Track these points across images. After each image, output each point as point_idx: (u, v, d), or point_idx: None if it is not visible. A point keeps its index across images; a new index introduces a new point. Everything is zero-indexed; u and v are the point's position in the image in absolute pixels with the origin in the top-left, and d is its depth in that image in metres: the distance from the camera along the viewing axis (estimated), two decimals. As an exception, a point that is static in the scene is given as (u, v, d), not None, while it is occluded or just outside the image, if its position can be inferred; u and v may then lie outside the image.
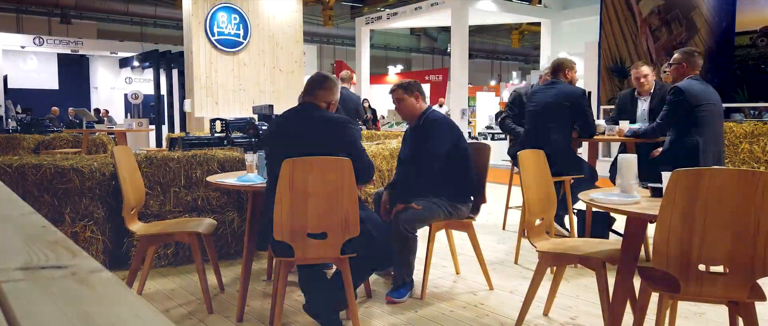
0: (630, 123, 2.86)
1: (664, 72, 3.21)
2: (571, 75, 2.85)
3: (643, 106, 2.97)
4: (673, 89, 2.40)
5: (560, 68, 2.81)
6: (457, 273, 2.45)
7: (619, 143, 3.09)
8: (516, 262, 2.69)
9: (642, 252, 2.55)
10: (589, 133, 2.77)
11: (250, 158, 2.16)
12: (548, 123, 2.71)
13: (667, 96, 2.46)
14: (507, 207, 3.47)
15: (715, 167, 1.66)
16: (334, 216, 1.64)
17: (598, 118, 3.74)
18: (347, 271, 1.70)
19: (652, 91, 2.94)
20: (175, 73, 10.08)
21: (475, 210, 2.25)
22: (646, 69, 2.94)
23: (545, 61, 8.60)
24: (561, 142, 2.68)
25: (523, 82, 11.79)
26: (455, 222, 2.20)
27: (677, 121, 2.41)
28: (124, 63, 12.83)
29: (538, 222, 1.86)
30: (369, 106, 9.11)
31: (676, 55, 2.53)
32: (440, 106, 9.81)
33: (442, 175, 2.08)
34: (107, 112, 10.91)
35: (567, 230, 2.88)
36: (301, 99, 2.29)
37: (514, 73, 16.25)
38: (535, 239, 1.82)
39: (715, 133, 2.42)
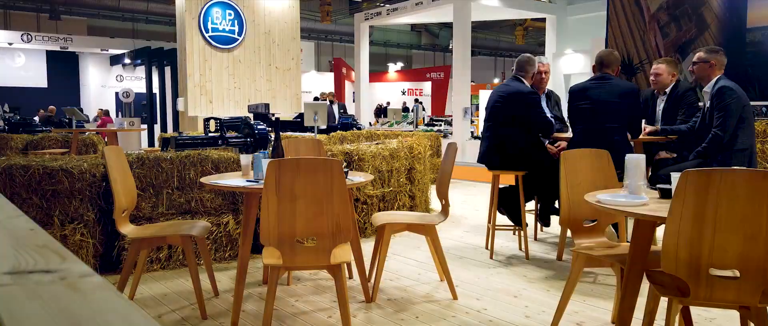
0: (647, 123, 2.81)
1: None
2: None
3: (660, 105, 2.92)
4: (724, 90, 2.31)
5: (612, 62, 2.63)
6: (441, 280, 2.35)
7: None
8: (527, 258, 2.68)
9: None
10: (636, 134, 2.63)
11: (246, 159, 2.09)
12: (609, 123, 2.54)
13: (721, 98, 2.31)
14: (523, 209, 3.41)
15: (725, 168, 1.62)
16: (324, 220, 1.58)
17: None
18: (340, 280, 1.65)
19: (668, 90, 2.88)
20: (167, 70, 9.95)
21: (444, 213, 2.20)
22: (660, 66, 2.87)
23: (550, 58, 8.55)
24: (623, 143, 2.52)
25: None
26: (416, 225, 2.16)
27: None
28: (115, 60, 12.65)
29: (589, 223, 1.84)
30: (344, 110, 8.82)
31: (699, 54, 2.46)
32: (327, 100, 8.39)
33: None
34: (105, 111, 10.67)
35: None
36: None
37: (518, 71, 16.21)
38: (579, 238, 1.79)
39: (754, 133, 2.41)
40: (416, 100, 12.83)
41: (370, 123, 9.65)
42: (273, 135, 2.58)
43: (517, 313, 1.98)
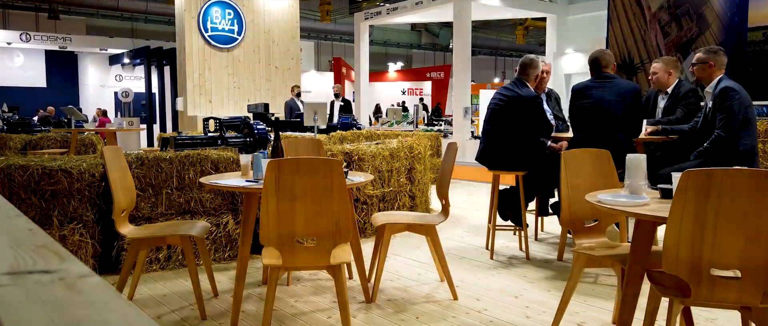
0: (647, 121, 2.81)
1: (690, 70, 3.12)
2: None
3: (661, 103, 2.92)
4: (727, 90, 2.31)
5: (609, 62, 2.66)
6: (442, 281, 2.34)
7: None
8: (527, 258, 2.67)
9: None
10: (637, 134, 2.63)
11: (245, 159, 2.09)
12: (612, 122, 2.55)
13: (724, 100, 2.32)
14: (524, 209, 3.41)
15: (727, 168, 1.62)
16: (323, 220, 1.58)
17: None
18: (340, 281, 1.64)
19: (670, 89, 2.87)
20: (166, 70, 9.93)
21: (445, 213, 2.20)
22: (656, 65, 2.87)
23: (551, 58, 8.54)
24: (626, 142, 2.53)
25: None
26: (416, 225, 2.15)
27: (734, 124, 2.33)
28: (114, 60, 12.63)
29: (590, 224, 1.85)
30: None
31: (699, 55, 2.46)
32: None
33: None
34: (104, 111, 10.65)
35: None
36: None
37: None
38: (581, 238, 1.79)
39: (755, 133, 2.42)
40: (421, 100, 12.80)
41: (369, 122, 9.64)
42: (272, 135, 2.58)
43: (517, 314, 1.98)
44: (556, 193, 2.90)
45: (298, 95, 6.67)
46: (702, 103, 2.74)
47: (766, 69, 4.34)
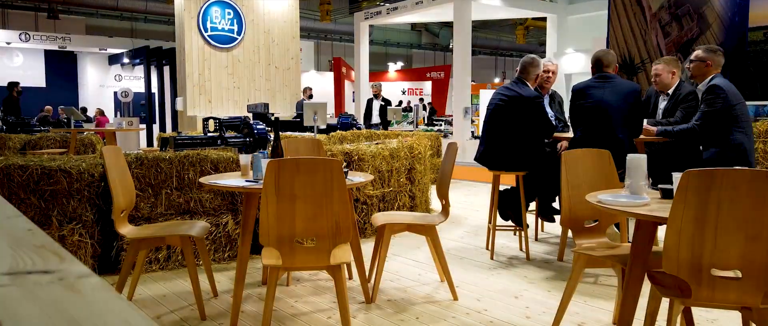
0: (647, 121, 2.81)
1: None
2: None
3: (661, 104, 2.92)
4: (714, 88, 2.34)
5: (610, 62, 2.67)
6: (442, 281, 2.34)
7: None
8: (528, 258, 2.67)
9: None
10: (637, 134, 2.65)
11: (245, 159, 2.08)
12: (613, 122, 2.56)
13: (709, 95, 2.37)
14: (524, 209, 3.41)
15: (730, 168, 1.62)
16: (323, 220, 1.58)
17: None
18: (340, 281, 1.64)
19: (671, 90, 2.88)
20: (166, 70, 9.93)
21: (445, 213, 2.20)
22: (658, 66, 2.88)
23: (551, 57, 8.56)
24: (627, 143, 2.54)
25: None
26: (416, 225, 2.15)
27: (718, 121, 2.36)
28: (113, 60, 12.63)
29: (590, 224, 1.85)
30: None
31: (697, 52, 2.48)
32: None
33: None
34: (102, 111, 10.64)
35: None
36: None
37: (519, 70, 16.27)
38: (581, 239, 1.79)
39: (751, 131, 2.44)
40: (421, 100, 12.78)
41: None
42: (272, 135, 2.58)
43: (517, 314, 1.98)
44: (557, 199, 2.89)
45: (310, 97, 6.66)
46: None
47: (766, 69, 4.35)
